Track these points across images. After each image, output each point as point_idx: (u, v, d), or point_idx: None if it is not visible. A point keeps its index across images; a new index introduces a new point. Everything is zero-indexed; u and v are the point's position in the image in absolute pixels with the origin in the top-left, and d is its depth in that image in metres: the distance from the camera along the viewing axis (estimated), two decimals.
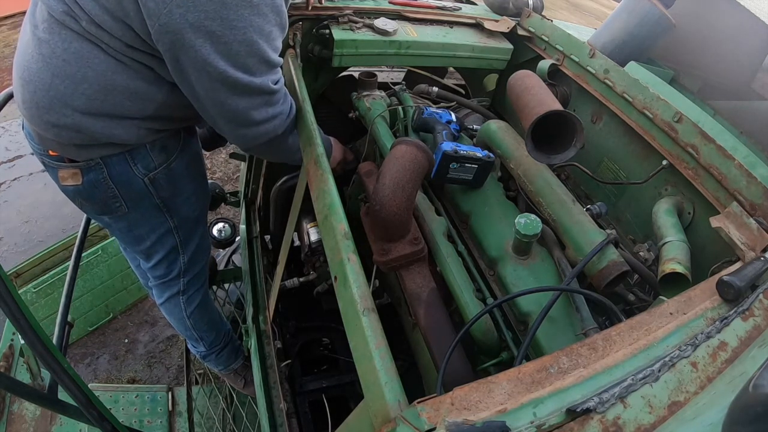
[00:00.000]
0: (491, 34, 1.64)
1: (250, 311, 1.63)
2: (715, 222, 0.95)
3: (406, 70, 2.07)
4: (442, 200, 1.31)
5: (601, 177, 1.36)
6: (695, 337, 0.65)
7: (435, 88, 1.59)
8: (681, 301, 0.71)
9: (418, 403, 0.50)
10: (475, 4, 1.84)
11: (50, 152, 1.03)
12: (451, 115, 1.38)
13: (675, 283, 0.93)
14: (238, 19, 0.81)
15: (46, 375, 1.18)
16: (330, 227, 0.76)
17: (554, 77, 1.50)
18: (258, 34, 0.85)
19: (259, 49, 0.87)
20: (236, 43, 0.84)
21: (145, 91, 0.95)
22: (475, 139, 1.38)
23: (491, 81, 1.81)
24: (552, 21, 1.58)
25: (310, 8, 1.39)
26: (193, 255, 1.38)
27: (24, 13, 0.97)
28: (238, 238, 2.22)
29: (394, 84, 1.72)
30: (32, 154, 1.09)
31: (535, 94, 1.09)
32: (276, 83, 0.96)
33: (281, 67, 0.98)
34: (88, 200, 1.11)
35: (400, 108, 1.48)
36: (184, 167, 1.19)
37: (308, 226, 1.62)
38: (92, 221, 1.45)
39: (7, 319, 0.71)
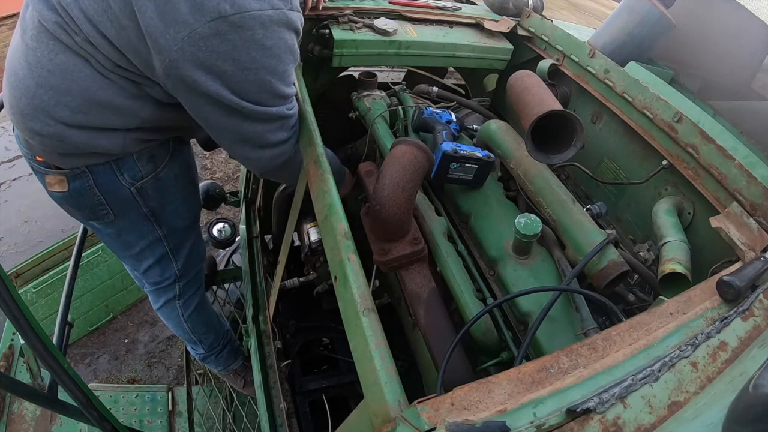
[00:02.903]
0: (491, 34, 1.64)
1: (250, 311, 1.63)
2: (715, 222, 0.95)
3: (406, 70, 2.07)
4: (442, 200, 1.30)
5: (601, 177, 1.36)
6: (695, 337, 0.65)
7: (435, 88, 1.59)
8: (681, 301, 0.71)
9: (418, 403, 0.50)
10: (475, 4, 1.84)
11: (37, 158, 1.02)
12: (451, 115, 1.37)
13: (675, 283, 0.93)
14: (249, 61, 0.80)
15: (46, 375, 1.18)
16: (330, 227, 0.76)
17: (554, 77, 1.50)
18: (271, 74, 0.84)
19: (272, 87, 0.87)
20: (247, 82, 0.83)
21: (129, 107, 0.93)
22: (475, 139, 1.38)
23: (491, 81, 1.81)
24: (552, 21, 1.58)
25: (305, 12, 1.38)
26: (186, 261, 1.37)
27: None
28: (238, 238, 2.22)
29: (394, 84, 1.72)
30: None
31: (535, 94, 1.09)
32: (290, 109, 0.95)
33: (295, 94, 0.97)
34: (75, 207, 1.09)
35: (400, 108, 1.48)
36: (173, 177, 1.17)
37: (308, 226, 1.62)
38: None
39: (7, 319, 0.71)
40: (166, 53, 0.78)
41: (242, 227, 1.98)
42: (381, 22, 1.44)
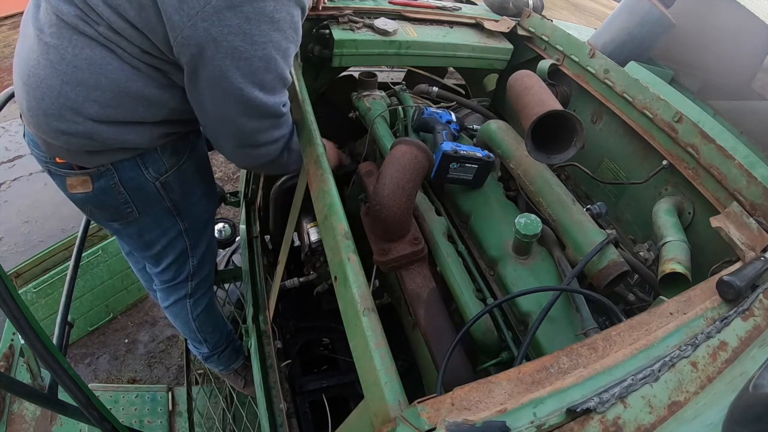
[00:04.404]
0: (491, 34, 1.64)
1: (250, 311, 1.63)
2: (715, 222, 0.95)
3: (406, 70, 2.07)
4: (442, 200, 1.30)
5: (601, 177, 1.36)
6: (695, 337, 0.65)
7: (435, 88, 1.59)
8: (681, 301, 0.71)
9: (418, 403, 0.50)
10: (475, 4, 1.84)
11: (57, 160, 1.00)
12: (451, 115, 1.37)
13: (675, 283, 0.93)
14: (259, 34, 0.82)
15: (46, 375, 1.18)
16: (330, 227, 0.76)
17: (554, 77, 1.50)
18: (276, 50, 0.86)
19: (277, 65, 0.88)
20: (256, 58, 0.84)
21: (159, 98, 0.94)
22: (475, 139, 1.38)
23: (491, 81, 1.81)
24: (552, 21, 1.58)
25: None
26: (202, 258, 1.38)
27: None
28: (238, 238, 2.22)
29: (394, 84, 1.72)
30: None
31: (535, 94, 1.09)
32: (284, 105, 0.97)
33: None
34: (99, 207, 1.09)
35: (400, 108, 1.48)
36: (194, 169, 1.19)
37: (308, 226, 1.62)
38: (92, 221, 1.44)
39: (7, 319, 0.71)
40: (179, 30, 0.79)
41: (242, 227, 1.98)
42: (381, 22, 1.44)
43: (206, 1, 0.77)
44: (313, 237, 1.57)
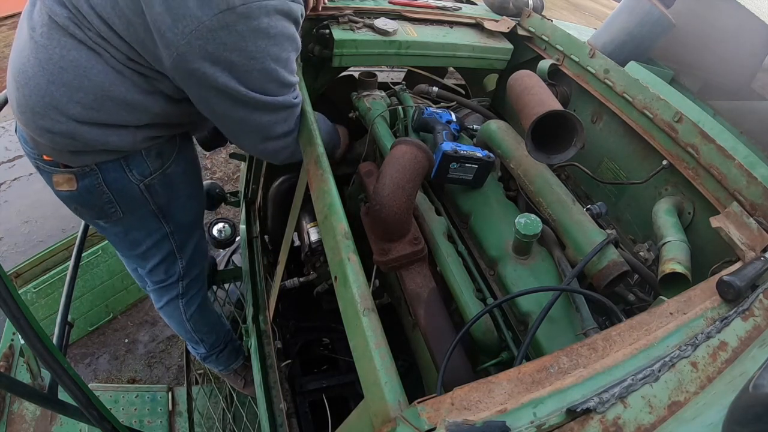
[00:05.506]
0: (491, 34, 1.64)
1: (250, 311, 1.63)
2: (715, 222, 0.95)
3: (406, 70, 2.07)
4: (442, 200, 1.30)
5: (601, 177, 1.36)
6: (695, 337, 0.65)
7: (435, 88, 1.59)
8: (681, 301, 0.71)
9: (418, 403, 0.50)
10: (475, 4, 1.84)
11: (44, 157, 1.02)
12: (451, 115, 1.37)
13: (675, 283, 0.93)
14: (256, 50, 0.83)
15: (46, 375, 1.18)
16: (330, 227, 0.76)
17: (554, 77, 1.50)
18: (275, 61, 0.87)
19: (278, 75, 0.89)
20: (255, 71, 0.85)
21: (141, 103, 0.95)
22: (475, 139, 1.38)
23: (491, 81, 1.81)
24: (552, 21, 1.58)
25: (306, 11, 1.38)
26: (190, 259, 1.38)
27: None
28: (238, 238, 2.22)
29: (394, 84, 1.72)
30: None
31: (535, 94, 1.09)
32: (295, 98, 0.98)
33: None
34: (83, 206, 1.10)
35: (400, 108, 1.48)
36: (180, 173, 1.18)
37: (308, 226, 1.62)
38: None
39: (7, 319, 0.71)
40: (174, 47, 0.80)
41: (242, 227, 1.98)
42: (381, 22, 1.44)
43: (199, 20, 0.77)
44: (313, 237, 1.58)
